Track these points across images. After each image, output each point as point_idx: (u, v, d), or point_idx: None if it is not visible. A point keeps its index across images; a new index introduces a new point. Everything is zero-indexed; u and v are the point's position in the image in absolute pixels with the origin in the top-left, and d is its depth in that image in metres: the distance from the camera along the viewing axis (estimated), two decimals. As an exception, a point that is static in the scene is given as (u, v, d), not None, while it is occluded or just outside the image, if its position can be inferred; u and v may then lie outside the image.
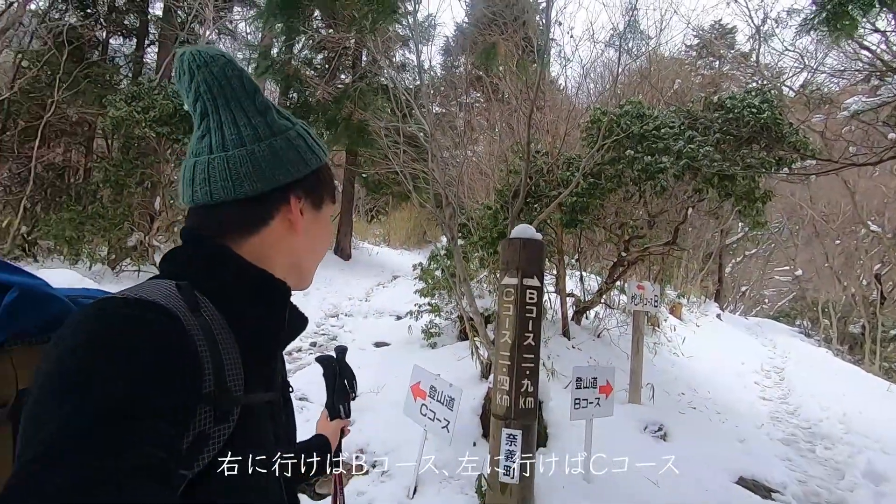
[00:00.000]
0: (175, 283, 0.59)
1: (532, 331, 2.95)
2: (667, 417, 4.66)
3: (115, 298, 0.54)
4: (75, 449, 0.42)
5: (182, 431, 0.51)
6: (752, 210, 5.43)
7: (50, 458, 0.41)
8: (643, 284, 5.11)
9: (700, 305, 11.84)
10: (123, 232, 7.08)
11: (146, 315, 0.52)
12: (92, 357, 0.48)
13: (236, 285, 0.63)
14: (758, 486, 3.96)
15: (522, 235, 3.03)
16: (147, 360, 0.49)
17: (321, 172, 0.72)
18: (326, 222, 0.76)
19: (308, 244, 0.72)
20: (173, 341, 0.52)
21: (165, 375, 0.49)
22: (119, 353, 0.48)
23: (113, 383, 0.46)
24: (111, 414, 0.44)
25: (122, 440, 0.43)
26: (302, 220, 0.68)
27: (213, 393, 0.54)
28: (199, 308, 0.58)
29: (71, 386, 0.46)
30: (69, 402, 0.44)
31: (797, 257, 17.57)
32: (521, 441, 2.83)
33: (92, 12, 9.35)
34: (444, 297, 6.55)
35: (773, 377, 8.40)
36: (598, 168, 5.35)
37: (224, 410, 0.56)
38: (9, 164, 7.67)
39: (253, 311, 0.63)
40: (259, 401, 0.62)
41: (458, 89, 12.06)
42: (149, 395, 0.47)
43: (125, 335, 0.50)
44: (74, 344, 0.49)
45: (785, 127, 4.99)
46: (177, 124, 6.85)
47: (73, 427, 0.43)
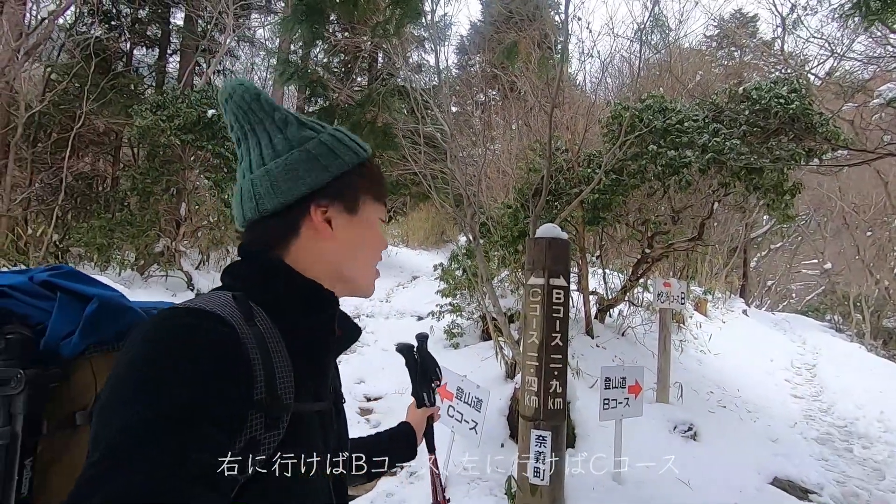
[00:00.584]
0: (231, 294, 0.62)
1: (559, 331, 2.92)
2: (696, 417, 4.57)
3: (177, 308, 0.58)
4: (136, 452, 0.45)
5: (235, 437, 0.53)
6: (780, 203, 5.30)
7: (113, 460, 0.45)
8: (670, 281, 5.02)
9: (725, 301, 11.59)
10: (151, 238, 7.24)
11: (203, 324, 0.55)
12: (153, 364, 0.51)
13: (287, 296, 0.65)
14: (793, 487, 3.85)
15: (548, 235, 3.00)
16: (204, 367, 0.52)
17: (352, 175, 0.70)
18: (368, 225, 0.73)
19: (344, 250, 0.70)
20: (229, 349, 0.55)
21: (221, 382, 0.52)
22: (177, 360, 0.51)
23: (172, 389, 0.49)
24: (170, 419, 0.47)
25: (180, 444, 0.47)
26: (330, 227, 0.68)
27: (264, 400, 0.56)
28: (253, 318, 0.60)
29: (133, 391, 0.49)
30: (132, 407, 0.48)
31: (826, 250, 17.06)
32: (550, 442, 2.81)
33: (116, 24, 9.60)
34: (465, 297, 6.54)
35: (803, 374, 8.18)
36: (619, 164, 5.28)
37: (274, 417, 0.57)
38: (42, 174, 7.92)
39: (303, 321, 0.65)
40: (309, 409, 0.63)
41: (474, 88, 12.05)
42: (206, 401, 0.50)
43: (184, 343, 0.53)
44: (138, 352, 0.52)
45: (815, 117, 4.84)
46: (200, 131, 6.98)
47: (134, 431, 0.46)
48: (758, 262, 18.17)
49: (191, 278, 7.56)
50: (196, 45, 9.14)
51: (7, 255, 6.57)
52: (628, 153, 5.20)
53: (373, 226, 0.74)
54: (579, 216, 5.86)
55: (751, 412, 5.47)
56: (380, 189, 0.75)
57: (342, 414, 0.77)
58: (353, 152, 0.71)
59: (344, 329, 0.74)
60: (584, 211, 5.73)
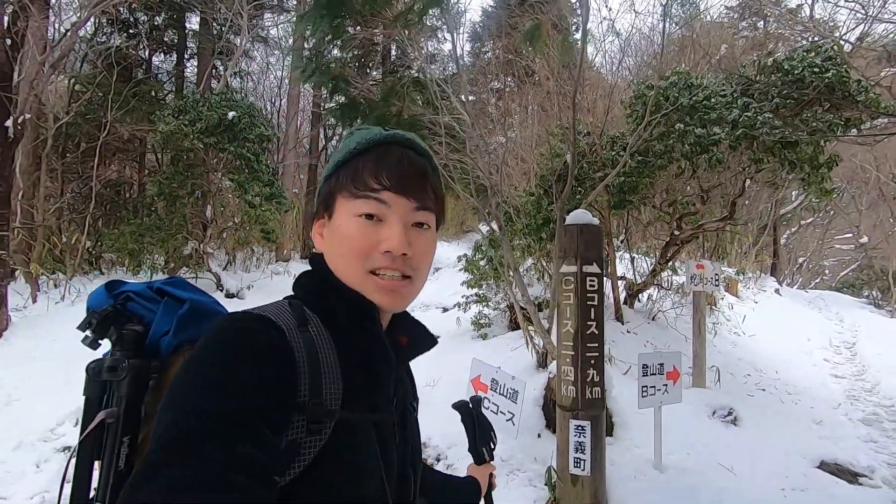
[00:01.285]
0: (288, 301, 0.66)
1: (594, 319, 2.87)
2: (735, 401, 4.47)
3: (234, 314, 0.61)
4: (182, 447, 0.48)
5: (278, 435, 0.54)
6: (816, 177, 5.09)
7: (162, 454, 0.48)
8: (703, 263, 4.89)
9: (756, 281, 11.28)
10: (179, 241, 7.39)
11: (253, 327, 0.58)
12: (203, 365, 0.55)
13: (332, 306, 0.66)
14: (842, 471, 3.73)
15: (579, 221, 2.94)
16: (249, 367, 0.54)
17: (330, 179, 0.70)
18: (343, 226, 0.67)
19: (333, 257, 0.69)
20: (275, 351, 0.57)
21: (264, 381, 0.54)
22: (225, 361, 0.54)
23: (218, 388, 0.52)
24: (215, 416, 0.50)
25: (224, 439, 0.49)
26: (322, 237, 0.71)
27: (306, 402, 0.57)
28: (306, 324, 0.62)
29: (185, 390, 0.53)
30: (181, 404, 0.52)
31: (861, 223, 16.42)
32: (590, 432, 2.77)
33: (134, 32, 9.75)
34: (491, 288, 6.50)
35: (843, 353, 7.93)
36: (645, 145, 5.13)
37: (317, 422, 0.57)
38: (72, 184, 8.15)
39: (350, 330, 0.65)
40: (360, 419, 0.62)
41: (488, 76, 11.89)
42: (249, 399, 0.52)
43: (232, 345, 0.56)
44: (194, 354, 0.56)
45: (852, 85, 4.61)
46: (222, 134, 7.06)
47: (181, 427, 0.49)
48: (787, 238, 17.61)
49: (219, 279, 7.70)
50: (212, 48, 9.22)
51: (45, 264, 6.79)
52: (654, 133, 5.06)
53: (346, 226, 0.66)
54: (604, 200, 5.74)
55: (791, 394, 5.33)
56: (357, 180, 0.66)
57: (409, 428, 0.75)
58: (341, 153, 0.69)
59: (413, 337, 0.75)
60: (610, 195, 5.61)
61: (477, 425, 1.03)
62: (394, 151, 0.68)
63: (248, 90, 13.17)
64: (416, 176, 0.68)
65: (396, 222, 0.66)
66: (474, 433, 1.03)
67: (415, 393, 0.83)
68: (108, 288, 0.76)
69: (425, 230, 0.70)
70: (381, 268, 0.65)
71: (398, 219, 0.66)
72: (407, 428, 0.74)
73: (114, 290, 0.76)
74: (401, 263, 0.66)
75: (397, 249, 0.65)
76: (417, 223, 0.69)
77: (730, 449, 3.65)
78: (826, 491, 3.34)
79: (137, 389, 0.68)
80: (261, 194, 7.43)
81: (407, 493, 0.72)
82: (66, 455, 3.42)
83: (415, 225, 0.68)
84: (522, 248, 6.10)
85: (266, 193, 7.47)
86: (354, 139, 0.69)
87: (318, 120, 13.20)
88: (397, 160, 0.67)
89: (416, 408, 0.81)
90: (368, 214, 0.66)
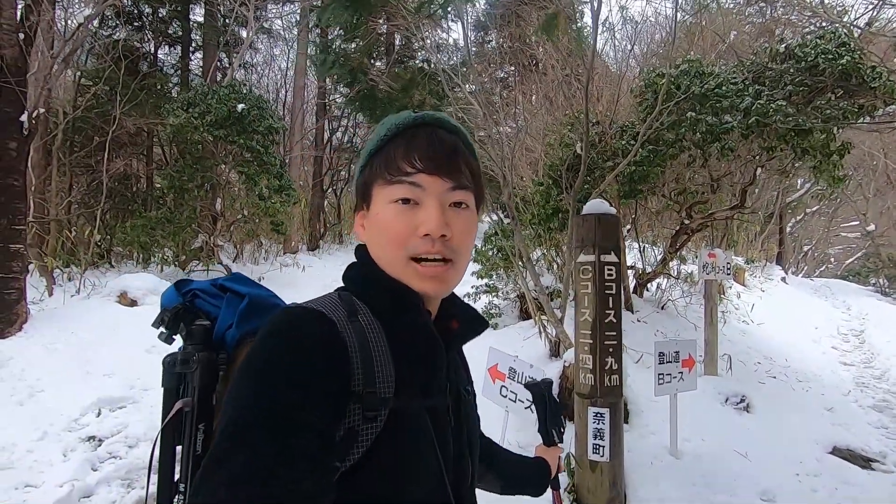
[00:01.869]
0: (338, 294, 0.68)
1: (613, 307, 2.89)
2: (747, 388, 4.50)
3: (287, 308, 0.63)
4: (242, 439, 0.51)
5: (335, 426, 0.56)
6: (828, 165, 5.07)
7: (226, 446, 0.50)
8: (715, 252, 4.90)
9: (763, 269, 11.28)
10: (189, 234, 7.42)
11: (305, 320, 0.60)
12: (259, 360, 0.57)
13: (379, 295, 0.68)
14: (854, 457, 3.77)
15: (596, 211, 2.96)
16: (304, 360, 0.56)
17: (364, 170, 0.71)
18: (381, 214, 0.67)
19: (375, 248, 0.70)
20: (328, 344, 0.59)
21: (320, 374, 0.56)
22: (280, 355, 0.56)
23: (275, 381, 0.54)
24: (272, 409, 0.52)
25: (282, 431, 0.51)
26: (364, 229, 0.72)
27: (361, 392, 0.59)
28: (356, 314, 0.64)
29: (244, 384, 0.55)
30: (241, 398, 0.54)
31: (868, 211, 16.33)
32: (609, 419, 2.81)
33: (139, 25, 9.71)
34: (501, 278, 6.53)
35: (851, 341, 7.94)
36: (655, 134, 5.12)
37: (372, 410, 0.59)
38: (81, 178, 8.18)
39: (396, 318, 0.66)
40: (414, 405, 0.64)
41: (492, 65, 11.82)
42: (306, 391, 0.54)
43: (286, 340, 0.58)
44: (252, 349, 0.59)
45: (866, 71, 4.58)
46: (230, 126, 7.07)
47: (242, 420, 0.52)
48: (793, 226, 17.54)
49: (230, 271, 7.75)
50: (217, 40, 9.18)
51: (60, 257, 6.85)
52: (665, 122, 5.04)
53: (383, 213, 0.67)
54: (614, 190, 5.74)
55: (801, 382, 5.36)
56: (391, 169, 0.66)
57: (465, 412, 0.76)
58: (368, 149, 0.71)
59: (463, 321, 0.75)
60: (620, 184, 5.60)
61: (549, 406, 1.04)
62: (423, 132, 0.67)
63: (252, 82, 13.13)
64: (448, 154, 0.67)
65: (433, 204, 0.65)
66: (545, 414, 1.04)
67: (469, 378, 0.83)
68: (178, 287, 0.80)
69: (464, 210, 0.68)
70: (421, 253, 0.65)
71: (434, 200, 0.65)
72: (461, 412, 0.74)
73: (182, 288, 0.80)
74: (441, 246, 0.65)
75: (436, 231, 0.64)
76: (455, 203, 0.67)
77: (743, 435, 3.69)
78: (840, 476, 3.38)
79: (209, 380, 0.72)
80: (270, 186, 7.44)
81: (464, 476, 0.72)
82: (91, 444, 3.48)
83: (453, 205, 0.67)
84: (531, 238, 6.11)
85: (275, 186, 7.48)
86: (385, 126, 0.69)
87: (324, 111, 13.17)
88: (427, 141, 0.66)
89: (471, 391, 0.81)
90: (404, 199, 0.65)
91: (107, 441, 3.52)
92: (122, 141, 9.01)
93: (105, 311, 5.30)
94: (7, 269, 4.53)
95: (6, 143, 4.51)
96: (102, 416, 3.82)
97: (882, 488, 3.30)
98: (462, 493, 0.71)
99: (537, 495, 1.06)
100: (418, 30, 6.04)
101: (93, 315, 5.15)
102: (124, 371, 4.25)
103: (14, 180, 4.60)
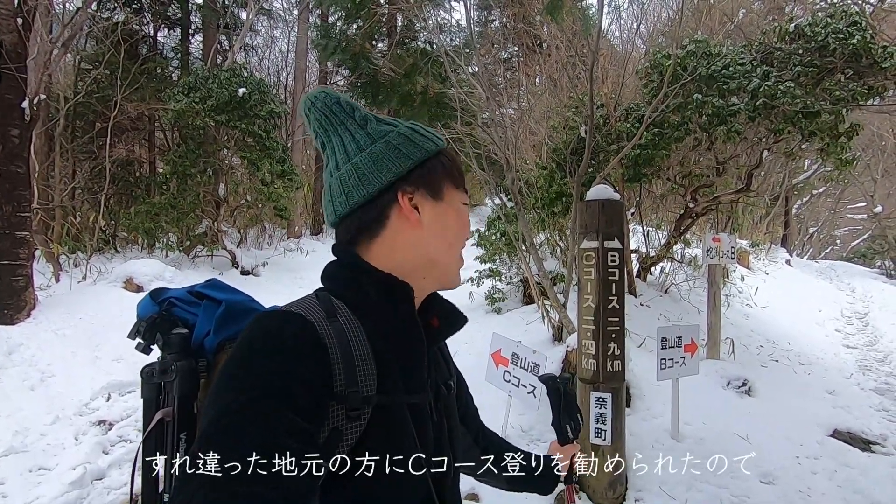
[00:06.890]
0: (315, 294, 0.68)
1: (616, 293, 2.90)
2: (749, 372, 4.52)
3: (266, 312, 0.64)
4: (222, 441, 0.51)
5: (319, 427, 0.58)
6: (836, 147, 5.00)
7: (202, 452, 0.51)
8: (719, 237, 4.87)
9: (767, 252, 11.23)
10: (193, 220, 7.44)
11: (284, 324, 0.61)
12: (240, 364, 0.58)
13: (364, 290, 0.68)
14: (855, 439, 3.81)
15: (600, 196, 2.94)
16: (285, 363, 0.57)
17: (430, 162, 0.72)
18: (454, 211, 0.74)
19: (432, 236, 0.71)
20: (308, 346, 0.59)
21: (301, 376, 0.57)
22: (261, 359, 0.57)
23: (256, 384, 0.55)
24: (253, 410, 0.53)
25: (264, 432, 0.52)
26: (417, 212, 0.70)
27: (343, 391, 0.60)
28: (335, 314, 0.64)
29: (224, 387, 0.56)
30: (221, 401, 0.55)
31: (875, 192, 16.14)
32: (611, 403, 2.84)
33: (137, 7, 9.57)
34: (504, 262, 6.53)
35: (855, 323, 7.95)
36: (661, 116, 5.05)
37: (355, 408, 0.60)
38: (84, 164, 8.17)
39: (380, 314, 0.67)
40: (396, 402, 0.64)
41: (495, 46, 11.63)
42: (287, 393, 0.55)
43: (266, 344, 0.59)
44: (232, 353, 0.60)
45: (878, 51, 4.48)
46: (232, 111, 7.02)
47: (221, 422, 0.53)
48: (798, 208, 17.39)
49: (234, 256, 7.78)
50: (217, 22, 9.05)
51: (65, 243, 6.89)
52: (671, 104, 4.97)
53: (457, 210, 0.74)
54: (618, 173, 5.69)
55: (804, 365, 5.38)
56: (459, 176, 0.76)
57: (445, 408, 0.76)
58: (431, 141, 0.73)
59: (444, 318, 0.76)
60: (624, 168, 5.55)
61: (563, 401, 1.01)
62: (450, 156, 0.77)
63: (253, 65, 12.98)
64: None
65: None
66: (559, 409, 1.01)
67: (450, 373, 0.83)
68: (153, 296, 0.81)
69: None
70: None
71: None
72: (442, 408, 0.75)
73: (158, 297, 0.81)
74: None
75: None
76: None
77: (745, 419, 3.72)
78: (840, 458, 3.42)
79: (189, 389, 0.72)
80: (273, 171, 7.42)
81: (446, 472, 0.72)
82: (102, 428, 3.55)
83: None
84: (534, 222, 6.09)
85: (278, 170, 7.46)
86: (436, 134, 0.75)
87: (325, 94, 12.99)
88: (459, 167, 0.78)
89: (452, 387, 0.80)
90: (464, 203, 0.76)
91: (117, 425, 3.59)
92: (124, 126, 8.96)
93: (112, 296, 5.36)
94: (14, 256, 4.57)
95: (8, 131, 4.51)
96: (112, 400, 3.89)
97: (881, 470, 3.33)
98: (444, 488, 0.71)
99: (545, 494, 1.06)
100: (420, 10, 5.94)
101: (100, 301, 5.21)
102: (132, 356, 4.31)
103: (17, 167, 4.61)
